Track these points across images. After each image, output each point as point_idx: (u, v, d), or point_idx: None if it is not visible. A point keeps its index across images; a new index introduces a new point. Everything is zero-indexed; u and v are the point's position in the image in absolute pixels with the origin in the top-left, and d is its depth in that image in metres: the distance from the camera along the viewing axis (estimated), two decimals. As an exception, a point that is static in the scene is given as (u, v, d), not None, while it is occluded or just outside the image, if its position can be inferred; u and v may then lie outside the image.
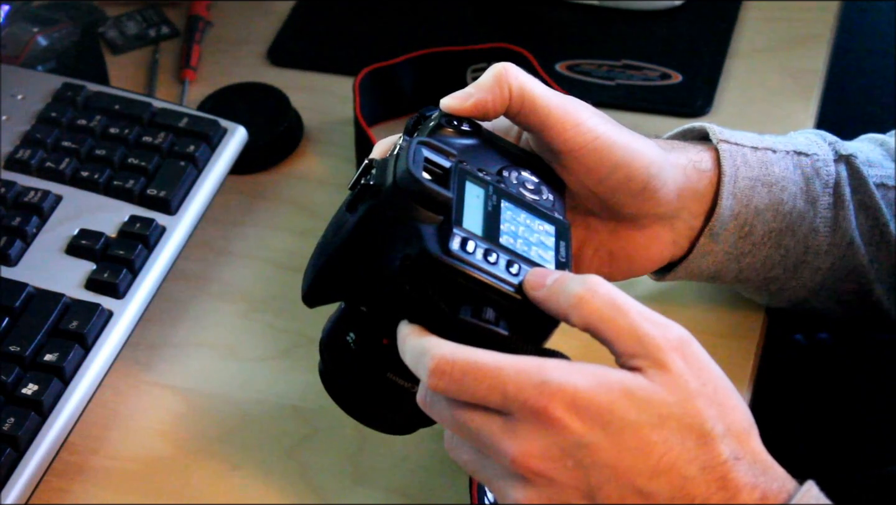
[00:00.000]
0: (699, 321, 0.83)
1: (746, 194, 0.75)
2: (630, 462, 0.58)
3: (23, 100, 0.93)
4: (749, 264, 0.77)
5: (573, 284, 0.61)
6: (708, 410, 0.59)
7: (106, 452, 0.80)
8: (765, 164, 0.76)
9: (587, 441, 0.58)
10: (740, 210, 0.75)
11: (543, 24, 1.04)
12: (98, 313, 0.80)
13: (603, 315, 0.60)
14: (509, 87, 0.69)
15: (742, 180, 0.75)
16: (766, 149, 0.77)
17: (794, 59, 1.00)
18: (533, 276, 0.62)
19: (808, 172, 0.77)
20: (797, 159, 0.77)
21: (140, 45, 1.06)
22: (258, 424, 0.80)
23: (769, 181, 0.76)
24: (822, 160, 0.77)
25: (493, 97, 0.69)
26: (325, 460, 0.78)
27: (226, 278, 0.89)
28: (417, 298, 0.62)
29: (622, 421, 0.58)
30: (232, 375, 0.83)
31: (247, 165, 0.94)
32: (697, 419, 0.59)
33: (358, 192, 0.64)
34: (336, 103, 0.98)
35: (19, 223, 0.85)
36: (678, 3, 1.04)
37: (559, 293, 0.61)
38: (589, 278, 0.61)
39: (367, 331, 0.66)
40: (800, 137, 0.79)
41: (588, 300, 0.60)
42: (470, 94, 0.69)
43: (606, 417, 0.58)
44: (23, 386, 0.76)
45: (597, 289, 0.60)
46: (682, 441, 0.58)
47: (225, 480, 0.78)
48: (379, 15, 1.07)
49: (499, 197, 0.66)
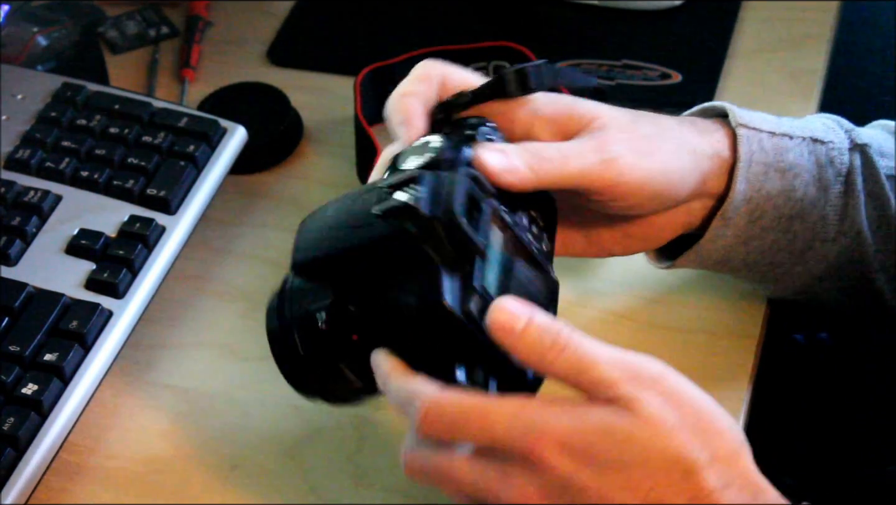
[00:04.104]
0: (699, 321, 0.83)
1: (759, 179, 0.75)
2: (619, 500, 0.58)
3: (23, 100, 0.93)
4: (756, 248, 0.77)
5: (543, 337, 0.60)
6: (690, 442, 0.59)
7: (106, 452, 0.80)
8: (780, 150, 0.76)
9: (576, 481, 0.59)
10: (752, 195, 0.75)
11: (543, 24, 1.04)
12: (98, 313, 0.80)
13: (570, 371, 0.60)
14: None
15: (756, 165, 0.75)
16: (783, 134, 0.77)
17: (794, 59, 1.00)
18: (501, 316, 0.61)
19: (822, 160, 0.77)
20: (813, 146, 0.77)
21: (140, 45, 1.06)
22: (258, 424, 0.80)
23: (782, 167, 0.76)
24: (838, 148, 0.77)
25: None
26: (325, 460, 0.78)
27: (226, 278, 0.89)
28: (417, 342, 0.62)
29: (606, 460, 0.58)
30: (232, 375, 0.83)
31: (247, 165, 0.94)
32: (680, 452, 0.59)
33: (398, 209, 0.63)
34: (336, 103, 0.98)
35: (19, 223, 0.85)
36: (678, 3, 1.04)
37: (528, 345, 0.61)
38: (557, 331, 0.61)
39: (343, 322, 0.66)
40: (817, 123, 0.79)
41: (554, 359, 0.60)
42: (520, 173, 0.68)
43: (591, 457, 0.58)
44: (23, 386, 0.76)
45: (566, 343, 0.60)
46: (668, 476, 0.58)
47: (225, 480, 0.78)
48: (379, 15, 1.07)
49: (514, 250, 0.66)
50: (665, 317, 0.83)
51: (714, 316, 0.84)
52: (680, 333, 0.82)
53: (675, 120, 0.76)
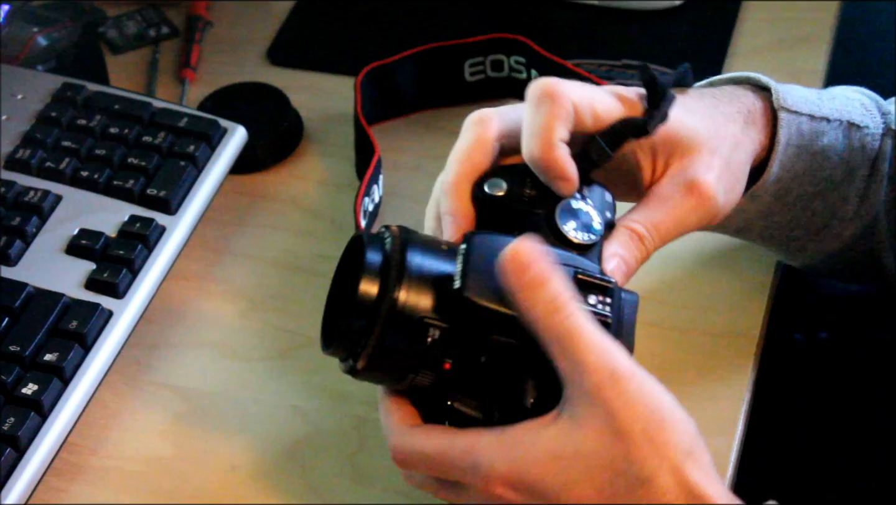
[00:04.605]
0: (699, 321, 0.83)
1: (791, 161, 0.75)
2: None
3: (23, 100, 0.93)
4: (776, 222, 0.78)
5: (542, 296, 0.61)
6: (636, 452, 0.59)
7: (106, 452, 0.80)
8: (816, 133, 0.76)
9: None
10: (782, 175, 0.75)
11: (543, 24, 1.04)
12: (98, 313, 0.80)
13: (558, 337, 0.60)
14: None
15: (791, 148, 0.75)
16: (822, 118, 0.76)
17: (794, 59, 1.00)
18: (515, 256, 0.61)
19: (855, 145, 0.77)
20: (848, 131, 0.77)
21: (140, 45, 1.06)
22: (258, 424, 0.80)
23: (815, 150, 0.76)
24: (871, 134, 0.77)
25: None
26: (325, 460, 0.78)
27: (226, 278, 0.89)
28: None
29: (554, 486, 0.60)
30: (232, 375, 0.83)
31: (247, 165, 0.94)
32: (625, 464, 0.59)
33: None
34: (336, 103, 0.98)
35: (19, 223, 0.85)
36: (678, 3, 1.04)
37: (529, 295, 0.61)
38: (559, 296, 0.61)
39: (454, 352, 0.64)
40: (855, 103, 0.78)
41: (547, 319, 0.60)
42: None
43: (539, 486, 0.60)
44: (23, 386, 0.76)
45: (562, 308, 0.60)
46: (614, 490, 0.59)
47: (225, 480, 0.78)
48: (379, 14, 1.07)
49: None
50: (665, 317, 0.83)
51: (714, 316, 0.83)
52: (680, 333, 0.82)
53: (739, 122, 0.75)
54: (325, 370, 0.82)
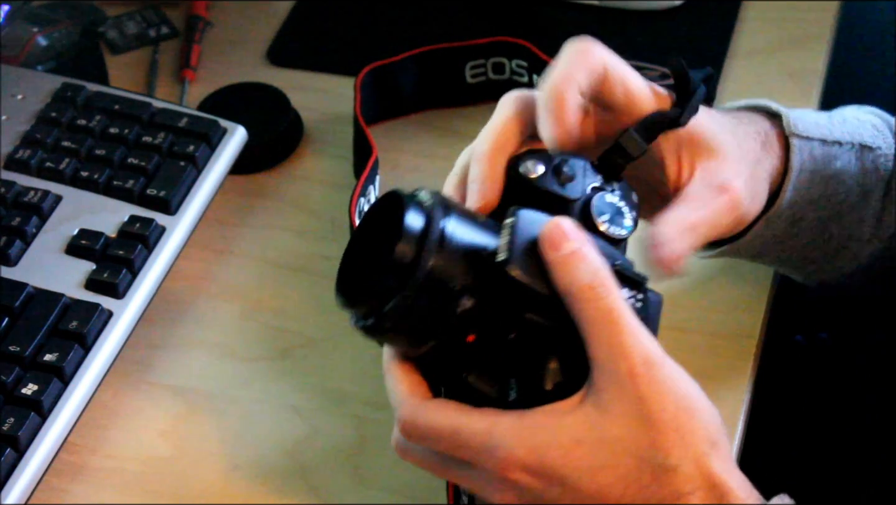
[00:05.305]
0: (699, 321, 0.83)
1: (805, 186, 0.75)
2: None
3: (23, 100, 0.93)
4: (792, 246, 0.77)
5: (583, 272, 0.60)
6: (663, 440, 0.59)
7: (106, 452, 0.80)
8: (829, 158, 0.76)
9: (548, 496, 0.59)
10: (797, 200, 0.75)
11: (543, 24, 1.04)
12: (98, 313, 0.80)
13: (595, 319, 0.60)
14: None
15: (804, 173, 0.75)
16: (834, 142, 0.76)
17: (794, 59, 1.00)
18: (558, 228, 0.60)
19: (868, 167, 0.77)
20: (861, 153, 0.77)
21: (140, 45, 1.06)
22: (258, 424, 0.80)
23: (828, 174, 0.76)
24: (884, 155, 0.77)
25: None
26: (325, 460, 0.78)
27: (226, 278, 0.89)
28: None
29: (576, 472, 0.59)
30: (232, 375, 0.83)
31: (247, 165, 0.94)
32: (651, 452, 0.59)
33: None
34: (336, 103, 0.98)
35: (19, 223, 0.85)
36: (678, 3, 1.04)
37: (569, 272, 0.60)
38: (599, 272, 0.60)
39: (480, 322, 0.62)
40: (867, 125, 0.78)
41: (586, 294, 0.60)
42: None
43: (560, 472, 0.59)
44: (23, 386, 0.76)
45: (601, 286, 0.60)
46: (638, 477, 0.59)
47: (225, 480, 0.78)
48: (379, 15, 1.06)
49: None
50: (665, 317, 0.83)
51: (714, 316, 0.84)
52: (680, 333, 0.82)
53: (759, 142, 0.75)
54: (325, 370, 0.83)
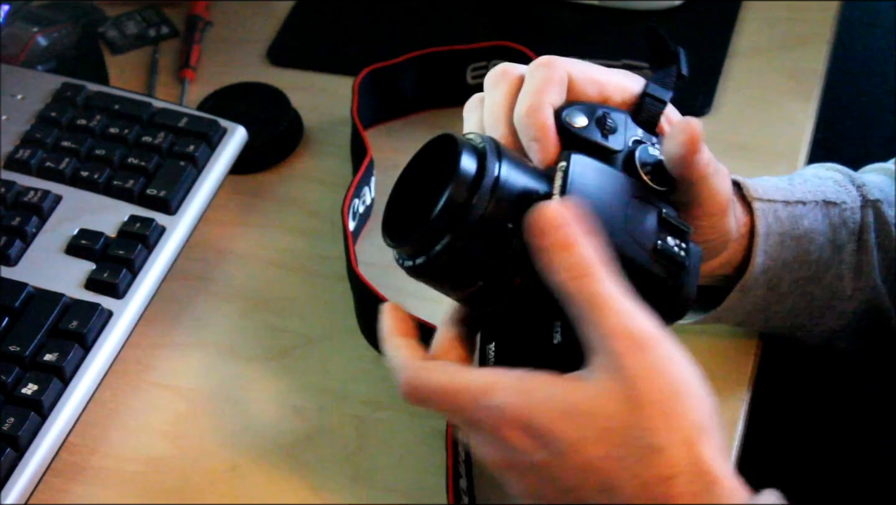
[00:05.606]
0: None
1: (776, 249, 0.75)
2: (575, 481, 0.59)
3: (23, 100, 0.93)
4: (776, 313, 0.78)
5: (573, 255, 0.60)
6: (652, 422, 0.58)
7: (106, 452, 0.80)
8: (795, 218, 0.76)
9: (536, 459, 0.59)
10: (770, 265, 0.75)
11: (543, 24, 1.04)
12: (98, 313, 0.80)
13: (575, 300, 0.60)
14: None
15: (773, 236, 0.75)
16: (797, 202, 0.77)
17: (794, 59, 1.00)
18: (540, 217, 0.60)
19: (836, 222, 0.77)
20: (826, 209, 0.77)
21: (140, 45, 1.06)
22: (258, 424, 0.80)
23: (798, 234, 0.76)
24: (850, 208, 0.77)
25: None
26: (325, 460, 0.78)
27: (226, 278, 0.89)
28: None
29: (563, 441, 0.59)
30: (232, 375, 0.83)
31: (247, 165, 0.94)
32: (636, 431, 0.58)
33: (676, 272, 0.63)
34: (336, 103, 0.98)
35: (19, 223, 0.85)
36: (678, 3, 1.04)
37: (553, 257, 0.60)
38: (584, 260, 0.60)
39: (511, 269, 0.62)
40: (828, 182, 0.79)
41: (571, 283, 0.59)
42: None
43: (548, 437, 0.59)
44: (23, 386, 0.76)
45: (587, 272, 0.60)
46: (624, 457, 0.58)
47: (225, 480, 0.78)
48: (379, 15, 1.07)
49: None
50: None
51: (714, 316, 0.83)
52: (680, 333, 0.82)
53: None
54: (325, 370, 0.83)
